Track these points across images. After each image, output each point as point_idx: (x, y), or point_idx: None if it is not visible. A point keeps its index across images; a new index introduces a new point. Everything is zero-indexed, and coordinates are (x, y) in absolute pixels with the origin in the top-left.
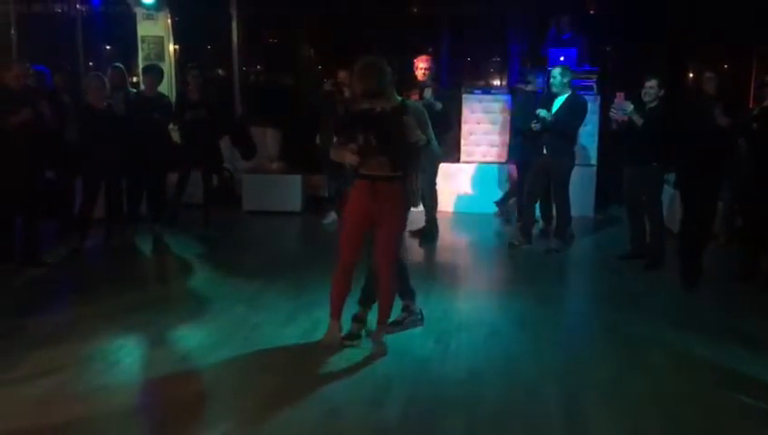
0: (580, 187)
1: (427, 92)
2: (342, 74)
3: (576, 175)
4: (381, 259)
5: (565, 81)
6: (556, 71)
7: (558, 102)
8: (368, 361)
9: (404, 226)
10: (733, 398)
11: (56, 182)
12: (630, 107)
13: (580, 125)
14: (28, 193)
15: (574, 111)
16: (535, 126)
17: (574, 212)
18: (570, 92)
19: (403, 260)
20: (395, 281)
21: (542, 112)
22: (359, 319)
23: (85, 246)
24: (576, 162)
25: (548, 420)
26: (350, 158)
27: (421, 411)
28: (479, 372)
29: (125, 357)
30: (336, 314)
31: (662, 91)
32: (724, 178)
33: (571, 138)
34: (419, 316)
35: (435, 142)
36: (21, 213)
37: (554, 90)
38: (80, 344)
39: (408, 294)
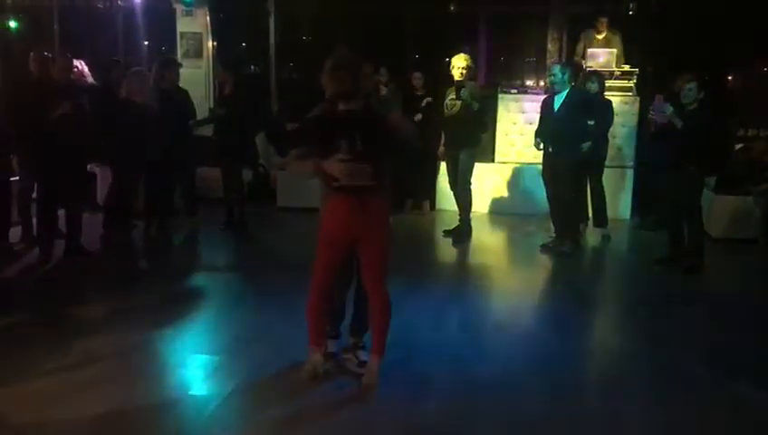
0: (618, 189)
1: (464, 92)
2: (380, 72)
3: (613, 177)
4: (372, 281)
5: (565, 78)
6: (556, 68)
7: (559, 100)
8: (400, 362)
9: (391, 239)
10: None
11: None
12: (670, 109)
13: (586, 120)
14: (72, 185)
15: (575, 105)
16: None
17: (611, 214)
18: (569, 88)
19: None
20: (389, 302)
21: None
22: (353, 349)
23: (127, 238)
24: (613, 164)
25: (589, 421)
26: (337, 169)
27: (458, 411)
28: (515, 373)
29: (164, 348)
30: (316, 341)
31: (702, 93)
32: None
33: (577, 134)
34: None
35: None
36: (65, 205)
37: (556, 88)
38: (121, 334)
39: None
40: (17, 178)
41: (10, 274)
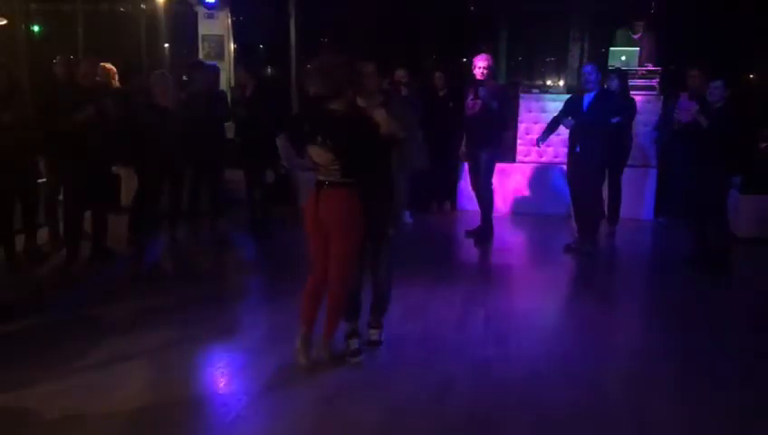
0: (640, 188)
1: (481, 91)
2: (400, 73)
3: (635, 176)
4: (333, 275)
5: (598, 78)
6: (591, 68)
7: (588, 100)
8: (424, 362)
9: (357, 239)
10: None
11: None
12: (696, 107)
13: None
14: (97, 187)
15: (604, 106)
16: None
17: (633, 214)
18: (599, 89)
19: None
20: (344, 300)
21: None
22: (351, 334)
23: (152, 239)
24: (637, 163)
25: (617, 420)
26: (319, 155)
27: (486, 411)
28: (541, 372)
29: (192, 348)
30: (304, 322)
31: (728, 92)
32: None
33: (605, 135)
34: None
35: (417, 144)
36: (90, 207)
37: (589, 87)
38: (149, 334)
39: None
40: (44, 180)
41: (38, 275)
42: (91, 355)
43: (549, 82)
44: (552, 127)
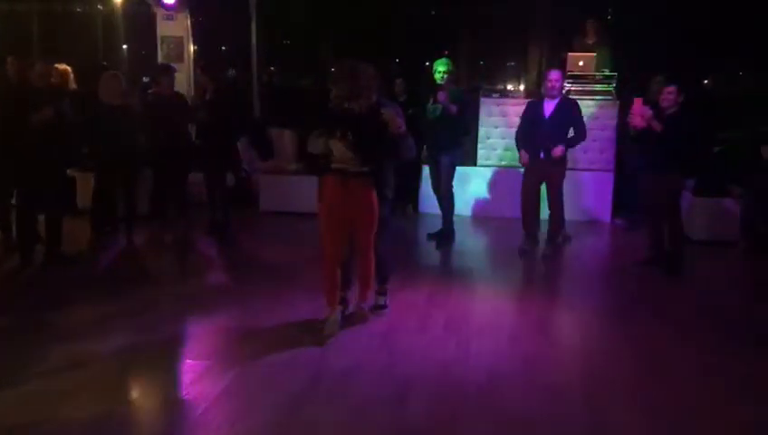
0: (598, 192)
1: (441, 96)
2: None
3: (593, 180)
4: (362, 247)
5: (562, 84)
6: (557, 74)
7: (550, 106)
8: (385, 364)
9: (376, 216)
10: (760, 403)
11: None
12: (649, 112)
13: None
14: (51, 191)
15: (567, 112)
16: None
17: (592, 217)
18: (561, 96)
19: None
20: (372, 268)
21: None
22: (380, 292)
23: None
24: (594, 167)
25: (572, 423)
26: (340, 150)
27: (446, 413)
28: (500, 374)
29: (151, 353)
30: (333, 303)
31: (682, 97)
32: (746, 185)
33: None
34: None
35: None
36: (45, 210)
37: (554, 93)
38: (107, 339)
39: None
40: None
41: None
42: (47, 361)
43: (509, 87)
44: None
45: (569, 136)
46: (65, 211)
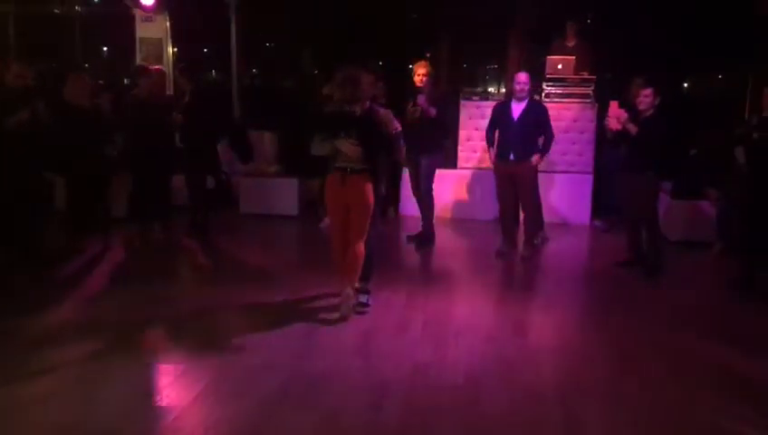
0: (576, 194)
1: (420, 98)
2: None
3: (572, 182)
4: (355, 237)
5: (530, 87)
6: (526, 76)
7: (519, 108)
8: (361, 366)
9: (371, 211)
10: (732, 402)
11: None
12: (624, 115)
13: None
14: (26, 193)
15: (535, 114)
16: None
17: (571, 220)
18: (529, 98)
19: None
20: (361, 258)
21: None
22: (362, 290)
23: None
24: (573, 169)
25: (547, 423)
26: (348, 149)
27: (420, 416)
28: (477, 376)
29: (124, 358)
30: (349, 281)
31: (658, 100)
32: (721, 188)
33: (536, 140)
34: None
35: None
36: (19, 213)
37: (522, 96)
38: (79, 345)
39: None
40: None
41: None
42: (17, 367)
43: (490, 89)
44: (491, 140)
45: (540, 143)
46: (43, 214)
